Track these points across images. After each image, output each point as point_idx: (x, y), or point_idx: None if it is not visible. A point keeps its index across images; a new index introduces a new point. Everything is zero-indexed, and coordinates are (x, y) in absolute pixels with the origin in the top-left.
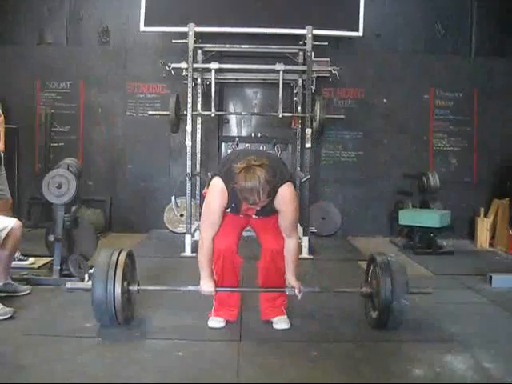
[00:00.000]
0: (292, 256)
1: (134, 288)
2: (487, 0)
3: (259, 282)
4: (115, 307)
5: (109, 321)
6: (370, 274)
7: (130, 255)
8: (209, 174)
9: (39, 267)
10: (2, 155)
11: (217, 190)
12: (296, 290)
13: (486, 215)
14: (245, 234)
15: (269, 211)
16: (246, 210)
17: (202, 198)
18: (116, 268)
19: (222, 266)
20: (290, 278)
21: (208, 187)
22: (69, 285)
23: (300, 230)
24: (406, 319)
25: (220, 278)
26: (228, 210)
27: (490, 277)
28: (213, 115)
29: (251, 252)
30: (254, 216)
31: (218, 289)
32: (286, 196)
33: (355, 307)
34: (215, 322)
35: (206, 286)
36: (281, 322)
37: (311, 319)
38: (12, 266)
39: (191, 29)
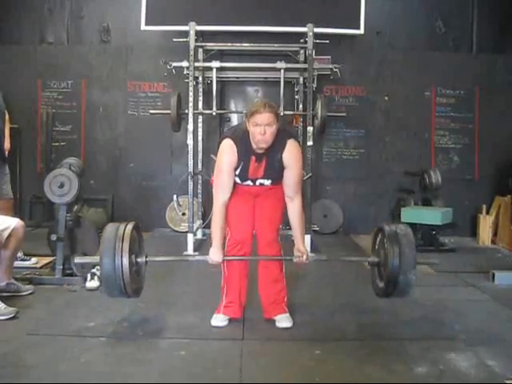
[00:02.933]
0: (297, 220)
1: (142, 260)
2: None
3: (258, 272)
4: (124, 280)
5: (118, 293)
6: (377, 244)
7: (136, 228)
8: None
9: (41, 267)
10: (7, 154)
11: (225, 148)
12: (304, 257)
13: (488, 212)
14: None
15: (277, 169)
16: (254, 169)
17: (210, 186)
18: (123, 241)
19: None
20: (298, 244)
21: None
22: (77, 259)
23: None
24: (406, 318)
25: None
26: (237, 172)
27: (493, 274)
28: (214, 114)
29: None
30: (260, 181)
31: (225, 258)
32: (294, 149)
33: (357, 305)
34: (218, 320)
35: (215, 255)
36: (283, 321)
37: (314, 317)
38: (14, 265)
39: (192, 27)
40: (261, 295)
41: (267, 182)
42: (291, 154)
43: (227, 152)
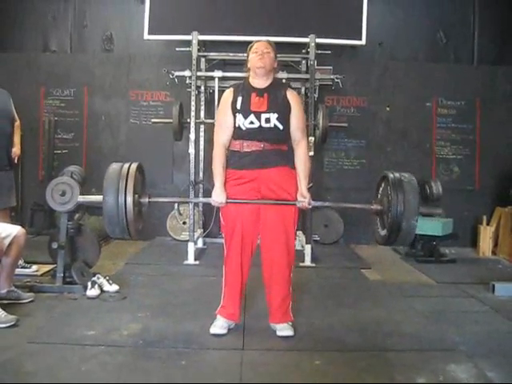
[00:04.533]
0: (303, 164)
1: (144, 200)
2: (489, 8)
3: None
4: (127, 219)
5: (120, 232)
6: (380, 191)
7: (139, 168)
8: None
9: (42, 274)
10: (16, 160)
11: (225, 93)
12: (306, 201)
13: (488, 223)
14: None
15: (281, 103)
16: (256, 102)
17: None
18: (127, 180)
19: (236, 256)
20: (301, 188)
21: None
22: (80, 198)
23: (302, 237)
24: (407, 329)
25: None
26: (238, 105)
27: (493, 285)
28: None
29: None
30: (266, 116)
31: (228, 201)
32: (296, 94)
33: (358, 315)
34: (217, 328)
35: (218, 195)
36: (284, 329)
37: (314, 327)
38: (15, 273)
39: (195, 37)
40: (267, 300)
41: (274, 117)
42: (295, 96)
43: (225, 94)
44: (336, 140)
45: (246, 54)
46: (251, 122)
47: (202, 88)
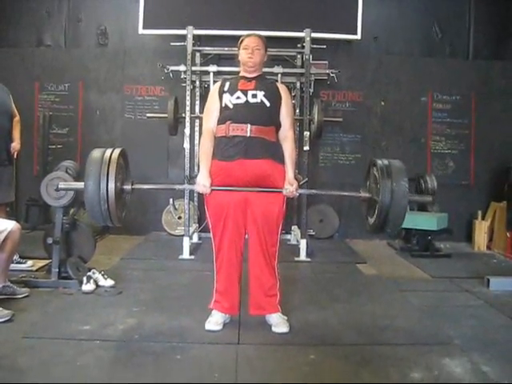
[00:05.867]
0: (290, 152)
1: (128, 187)
2: (485, 2)
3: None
4: (109, 206)
5: (102, 220)
6: (369, 178)
7: (123, 154)
8: None
9: (37, 270)
10: (15, 155)
11: (215, 85)
12: (293, 187)
13: (483, 218)
14: None
15: (269, 87)
16: (243, 84)
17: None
18: (109, 165)
19: (228, 252)
20: (288, 175)
21: None
22: (61, 185)
23: (298, 232)
24: (401, 323)
25: (222, 270)
26: (225, 87)
27: (488, 280)
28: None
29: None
30: (252, 93)
31: (213, 188)
32: (284, 87)
33: (353, 310)
34: (212, 324)
35: (203, 179)
36: (280, 325)
37: (309, 322)
38: (10, 268)
39: (190, 31)
40: (250, 288)
41: (261, 94)
42: (283, 87)
43: (214, 86)
44: (331, 135)
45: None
46: (238, 97)
47: (197, 83)
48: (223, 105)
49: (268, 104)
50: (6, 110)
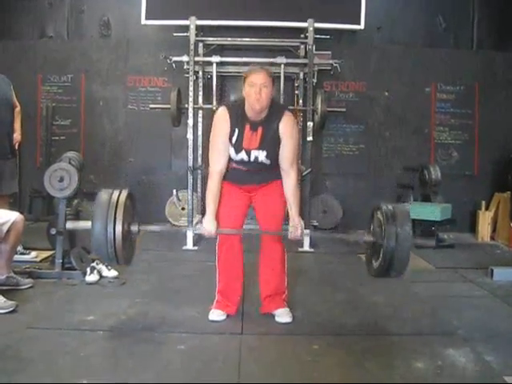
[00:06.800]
0: (293, 194)
1: (135, 228)
2: None
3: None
4: (115, 247)
5: (108, 260)
6: (373, 223)
7: (130, 196)
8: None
9: (41, 261)
10: (17, 146)
11: (219, 115)
12: (298, 232)
13: (487, 208)
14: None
15: (272, 140)
16: (249, 138)
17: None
18: (116, 208)
19: (226, 252)
20: (292, 217)
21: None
22: (69, 225)
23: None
24: (405, 314)
25: (224, 265)
26: (233, 140)
27: (492, 270)
28: (214, 108)
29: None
30: (255, 154)
31: (219, 230)
32: (290, 121)
33: (356, 301)
34: (216, 315)
35: (208, 223)
36: (283, 315)
37: (312, 312)
38: (14, 259)
39: (193, 22)
40: (260, 288)
41: (262, 155)
42: (287, 125)
43: (220, 119)
44: (335, 125)
45: (243, 39)
46: (241, 158)
47: (200, 73)
48: (229, 154)
49: (268, 163)
50: (8, 103)
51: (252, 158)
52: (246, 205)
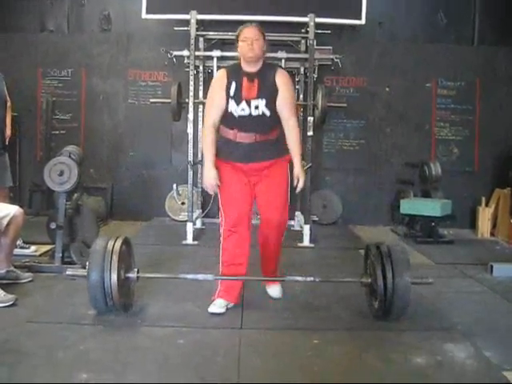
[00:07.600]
0: (294, 141)
1: (132, 275)
2: None
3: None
4: (112, 296)
5: (105, 308)
6: (368, 264)
7: (126, 242)
8: None
9: (41, 255)
10: (7, 142)
11: (217, 75)
12: (301, 183)
13: (487, 205)
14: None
15: (270, 88)
16: (247, 89)
17: None
18: (112, 256)
19: (232, 241)
20: (295, 167)
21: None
22: (69, 271)
23: (301, 218)
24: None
25: (230, 254)
26: (231, 92)
27: (491, 266)
28: None
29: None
30: (255, 104)
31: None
32: (285, 74)
33: (356, 296)
34: (216, 307)
35: (209, 171)
36: (276, 291)
37: (312, 307)
38: (14, 253)
39: (193, 16)
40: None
41: (262, 104)
42: (283, 76)
43: (218, 77)
44: (335, 120)
45: None
46: (242, 109)
47: (201, 68)
48: (229, 110)
49: (268, 113)
50: (1, 98)
51: (253, 109)
52: (248, 186)
